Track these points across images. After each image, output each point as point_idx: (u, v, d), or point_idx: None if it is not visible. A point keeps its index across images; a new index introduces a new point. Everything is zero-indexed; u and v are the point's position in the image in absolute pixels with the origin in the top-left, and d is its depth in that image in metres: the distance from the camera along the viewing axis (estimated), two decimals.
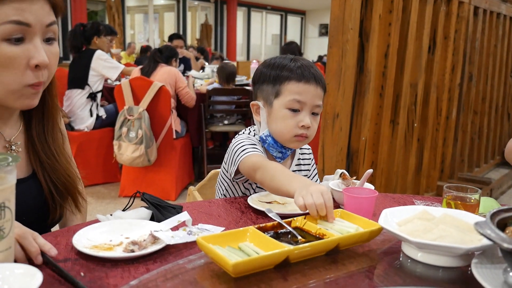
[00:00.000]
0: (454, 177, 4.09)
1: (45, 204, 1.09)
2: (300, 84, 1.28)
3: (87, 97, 3.83)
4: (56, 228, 1.14)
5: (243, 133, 1.39)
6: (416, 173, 3.43)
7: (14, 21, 0.90)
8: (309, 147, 1.50)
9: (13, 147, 1.07)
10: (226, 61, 6.65)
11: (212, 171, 1.64)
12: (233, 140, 1.34)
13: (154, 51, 4.01)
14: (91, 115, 3.87)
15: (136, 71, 3.97)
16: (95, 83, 3.87)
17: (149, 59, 3.94)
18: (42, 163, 1.09)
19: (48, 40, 0.97)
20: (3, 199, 0.72)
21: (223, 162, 1.40)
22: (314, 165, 1.52)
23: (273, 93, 1.31)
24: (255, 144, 1.30)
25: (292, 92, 1.28)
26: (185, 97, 3.86)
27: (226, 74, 4.31)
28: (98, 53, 3.84)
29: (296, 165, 1.44)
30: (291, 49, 4.77)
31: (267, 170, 1.17)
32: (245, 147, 1.28)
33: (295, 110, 1.29)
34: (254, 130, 1.41)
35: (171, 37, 6.01)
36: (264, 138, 1.35)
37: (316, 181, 1.51)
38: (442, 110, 3.62)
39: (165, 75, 3.78)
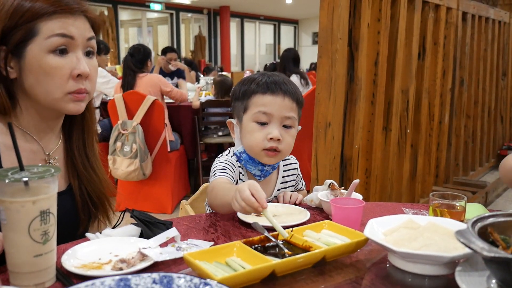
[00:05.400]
0: (449, 182, 4.10)
1: (76, 217, 1.16)
2: (265, 96, 1.28)
3: None
4: None
5: (222, 155, 1.39)
6: (411, 179, 3.44)
7: (60, 34, 1.01)
8: (292, 157, 1.49)
9: (51, 161, 1.14)
10: (223, 74, 6.68)
11: (204, 185, 1.64)
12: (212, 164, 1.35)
13: (125, 59, 3.80)
14: None
15: (117, 89, 3.85)
16: (93, 99, 3.89)
17: (124, 70, 3.76)
18: (79, 175, 1.17)
19: (88, 54, 1.08)
20: (48, 206, 0.80)
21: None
22: (300, 175, 1.51)
23: (242, 108, 1.32)
24: (225, 168, 1.29)
25: (257, 105, 1.28)
26: (176, 96, 3.88)
27: (226, 88, 4.33)
28: (98, 71, 3.87)
29: (281, 183, 1.43)
30: (290, 55, 4.83)
31: (213, 191, 1.20)
32: (215, 171, 1.29)
33: (263, 124, 1.28)
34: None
35: (165, 50, 6.04)
36: (239, 154, 1.34)
37: (302, 187, 1.51)
38: (435, 115, 3.64)
39: (148, 87, 3.71)
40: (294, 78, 4.70)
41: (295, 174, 1.47)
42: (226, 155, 1.38)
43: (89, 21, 1.09)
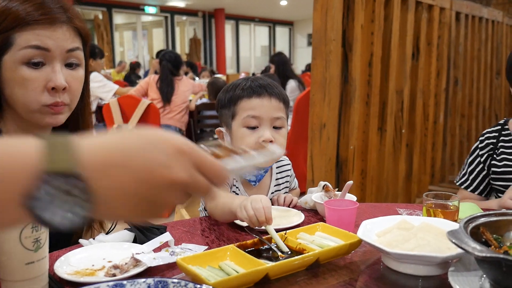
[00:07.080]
0: (445, 181, 4.11)
1: None
2: (251, 99, 1.26)
3: None
4: None
5: None
6: (406, 179, 3.44)
7: (33, 46, 0.98)
8: (285, 157, 1.47)
9: None
10: (217, 76, 6.67)
11: None
12: None
13: (165, 65, 3.94)
14: None
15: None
16: (90, 104, 3.90)
17: (164, 75, 3.91)
18: None
19: (70, 65, 1.04)
20: None
21: None
22: (293, 175, 1.50)
23: (230, 115, 1.30)
24: None
25: (245, 109, 1.27)
26: (201, 89, 4.34)
27: (217, 89, 4.36)
28: (93, 75, 3.90)
29: (275, 185, 1.43)
30: (280, 59, 4.79)
31: (213, 200, 1.18)
32: None
33: (253, 128, 1.27)
34: None
35: (160, 53, 6.04)
36: None
37: (295, 186, 1.50)
38: (429, 115, 3.65)
39: (185, 90, 3.98)
40: (292, 83, 4.63)
41: (289, 175, 1.47)
42: None
43: (75, 31, 1.04)
